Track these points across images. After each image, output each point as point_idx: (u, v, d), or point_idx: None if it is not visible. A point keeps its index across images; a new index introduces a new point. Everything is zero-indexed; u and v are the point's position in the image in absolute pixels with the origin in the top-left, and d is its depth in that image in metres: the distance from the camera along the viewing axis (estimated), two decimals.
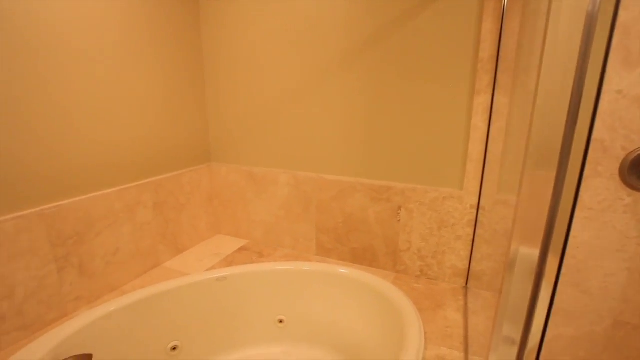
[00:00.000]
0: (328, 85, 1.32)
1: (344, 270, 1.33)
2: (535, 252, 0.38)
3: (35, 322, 1.01)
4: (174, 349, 1.24)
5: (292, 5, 1.30)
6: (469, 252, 1.24)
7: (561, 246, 0.36)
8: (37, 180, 0.99)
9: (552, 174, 0.36)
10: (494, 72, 1.07)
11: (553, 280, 0.38)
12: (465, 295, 1.22)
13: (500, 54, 1.05)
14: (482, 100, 1.10)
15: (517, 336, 0.43)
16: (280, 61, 1.38)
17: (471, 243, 1.23)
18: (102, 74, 1.13)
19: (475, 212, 1.19)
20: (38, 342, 0.94)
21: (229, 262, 1.44)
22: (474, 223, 1.21)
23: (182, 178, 1.48)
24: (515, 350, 0.46)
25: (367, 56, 1.23)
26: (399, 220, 1.31)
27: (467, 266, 1.25)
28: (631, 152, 0.81)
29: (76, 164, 1.09)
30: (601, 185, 0.86)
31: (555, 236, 0.36)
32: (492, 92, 1.08)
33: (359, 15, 1.21)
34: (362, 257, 1.41)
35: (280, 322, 1.38)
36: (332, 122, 1.35)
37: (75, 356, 0.83)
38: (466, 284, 1.27)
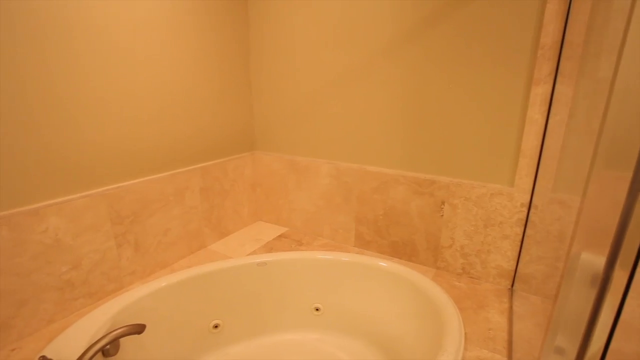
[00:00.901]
0: (372, 75, 1.29)
1: (383, 263, 1.32)
2: (601, 260, 0.35)
3: (98, 291, 1.11)
4: (216, 327, 1.32)
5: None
6: (517, 253, 1.17)
7: (634, 255, 0.32)
8: (101, 163, 1.08)
9: (628, 174, 0.32)
10: (556, 59, 0.98)
11: (621, 291, 0.35)
12: (511, 298, 1.16)
13: (566, 38, 0.95)
14: (541, 91, 1.02)
15: (572, 348, 0.40)
16: (323, 51, 1.37)
17: (520, 243, 1.15)
18: (155, 67, 1.19)
19: (526, 210, 1.12)
20: (100, 309, 1.04)
21: (269, 248, 1.48)
22: (524, 222, 1.13)
23: (227, 165, 1.53)
24: None
25: (414, 44, 1.18)
26: (442, 216, 1.26)
27: (514, 267, 1.18)
28: None
29: (133, 149, 1.17)
30: None
31: (626, 243, 0.33)
32: (553, 81, 1.00)
33: (406, 1, 1.16)
34: (402, 251, 1.39)
35: (317, 310, 1.40)
36: (375, 113, 1.32)
37: (131, 325, 0.90)
38: (512, 286, 1.20)
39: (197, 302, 1.26)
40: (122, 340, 1.02)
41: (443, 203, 1.25)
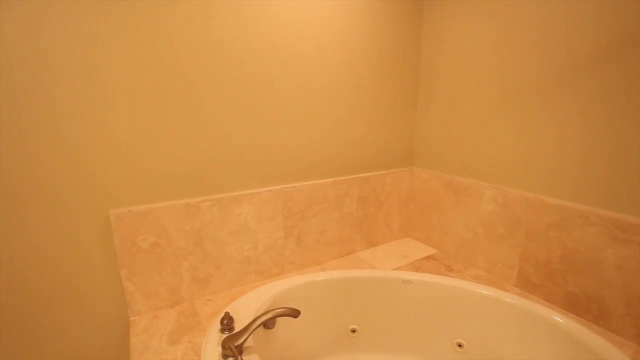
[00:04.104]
0: (558, 92, 1.09)
1: (559, 318, 1.08)
2: None
3: (265, 271, 1.33)
4: (353, 331, 1.36)
5: (522, 6, 1.14)
6: None
7: None
8: (282, 165, 1.29)
9: None
10: None
11: None
12: None
13: None
14: None
15: None
16: (498, 66, 1.25)
17: None
18: (328, 82, 1.34)
19: None
20: (266, 287, 1.24)
21: (416, 267, 1.44)
22: None
23: (385, 178, 1.58)
24: None
25: (631, 53, 0.94)
26: None
27: None
28: None
29: (307, 156, 1.34)
30: None
31: None
32: None
33: (612, 11, 0.93)
34: (583, 307, 1.11)
35: (460, 346, 1.28)
36: (558, 134, 1.11)
37: (290, 308, 1.04)
38: None
39: (342, 302, 1.33)
40: (278, 318, 1.18)
41: None
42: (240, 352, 0.91)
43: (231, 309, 1.11)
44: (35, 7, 0.82)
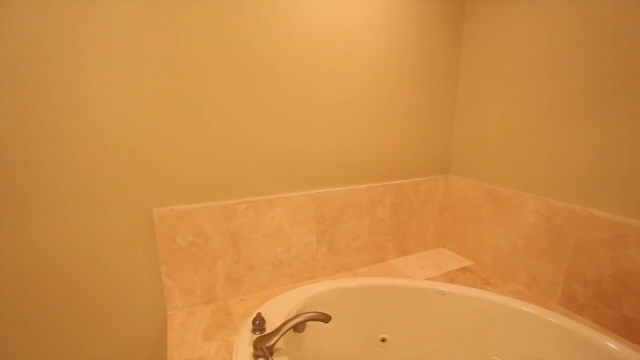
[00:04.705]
0: (611, 97, 1.02)
1: (613, 345, 0.99)
2: None
3: (297, 274, 1.34)
4: (383, 340, 1.34)
5: (579, 8, 1.08)
6: None
7: None
8: (317, 169, 1.30)
9: None
10: None
11: None
12: None
13: None
14: None
15: None
16: (544, 73, 1.18)
17: None
18: (359, 81, 1.33)
19: None
20: (297, 290, 1.25)
21: (450, 278, 1.39)
22: None
23: (420, 185, 1.54)
24: None
25: None
26: None
27: None
28: None
29: (343, 161, 1.35)
30: None
31: None
32: None
33: None
34: None
35: None
36: (612, 143, 1.04)
37: (321, 313, 1.04)
38: None
39: (372, 310, 1.32)
40: (308, 322, 1.18)
41: None
42: (271, 353, 0.92)
43: (263, 310, 1.13)
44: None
